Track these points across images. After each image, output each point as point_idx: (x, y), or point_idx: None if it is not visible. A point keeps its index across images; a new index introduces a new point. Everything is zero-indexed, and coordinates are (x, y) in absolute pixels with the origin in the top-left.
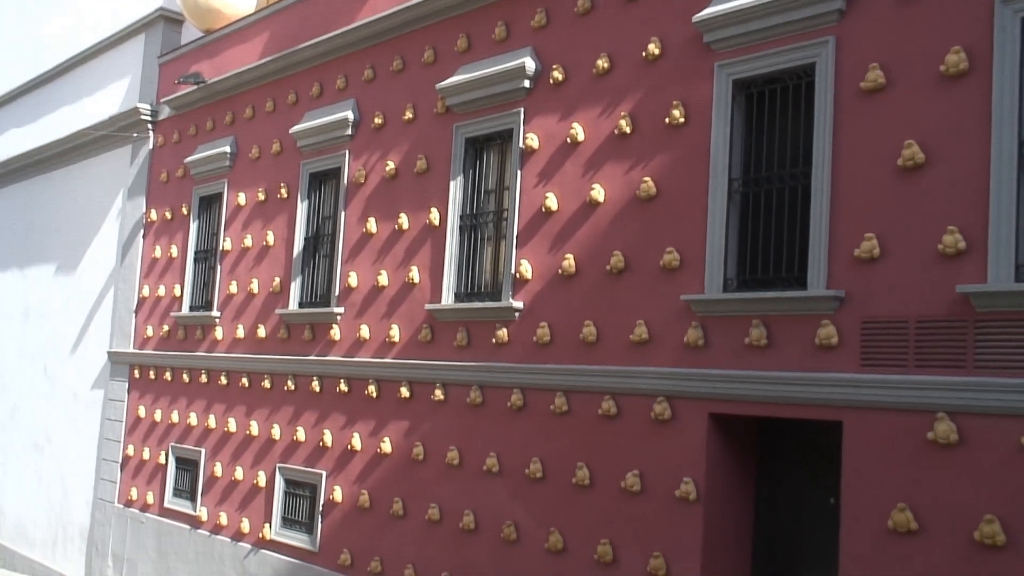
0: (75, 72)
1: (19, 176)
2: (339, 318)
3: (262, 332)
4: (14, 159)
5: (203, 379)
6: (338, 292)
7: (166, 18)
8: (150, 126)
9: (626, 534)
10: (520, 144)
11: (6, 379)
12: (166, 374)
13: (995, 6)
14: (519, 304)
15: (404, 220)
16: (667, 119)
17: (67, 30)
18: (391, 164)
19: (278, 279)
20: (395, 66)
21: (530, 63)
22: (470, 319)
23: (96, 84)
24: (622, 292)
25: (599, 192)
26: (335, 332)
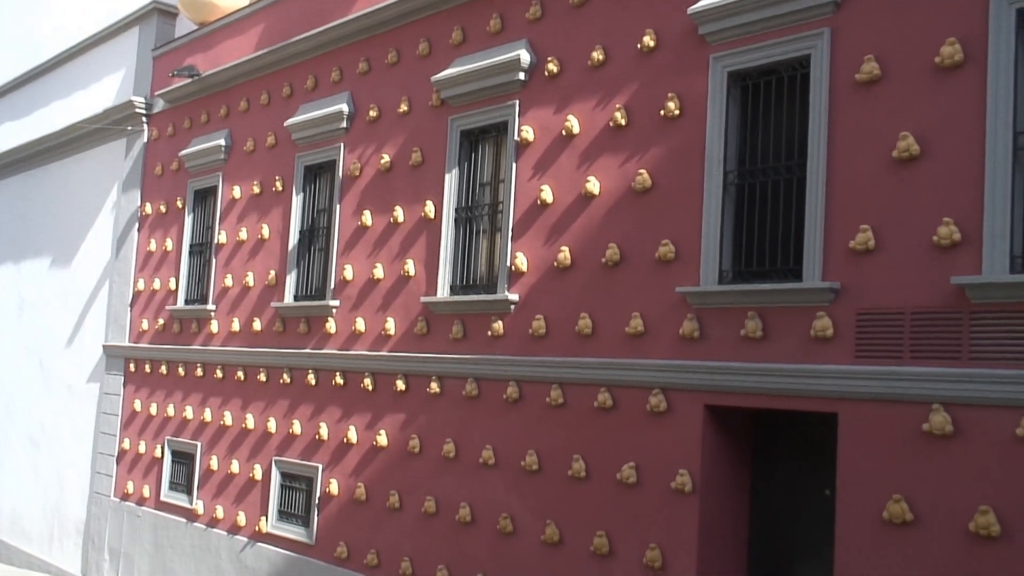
0: (69, 65)
1: (13, 170)
2: (335, 311)
3: (257, 325)
4: (8, 152)
5: (199, 372)
6: (333, 285)
7: (160, 11)
8: (144, 119)
9: (622, 526)
10: (515, 136)
11: (1, 373)
12: (162, 367)
13: None
14: (515, 297)
15: (399, 213)
16: (662, 111)
17: (61, 23)
18: (386, 157)
19: (273, 272)
20: (390, 59)
21: (525, 55)
22: (466, 312)
23: (90, 77)
24: (618, 284)
25: (594, 184)
26: (331, 325)
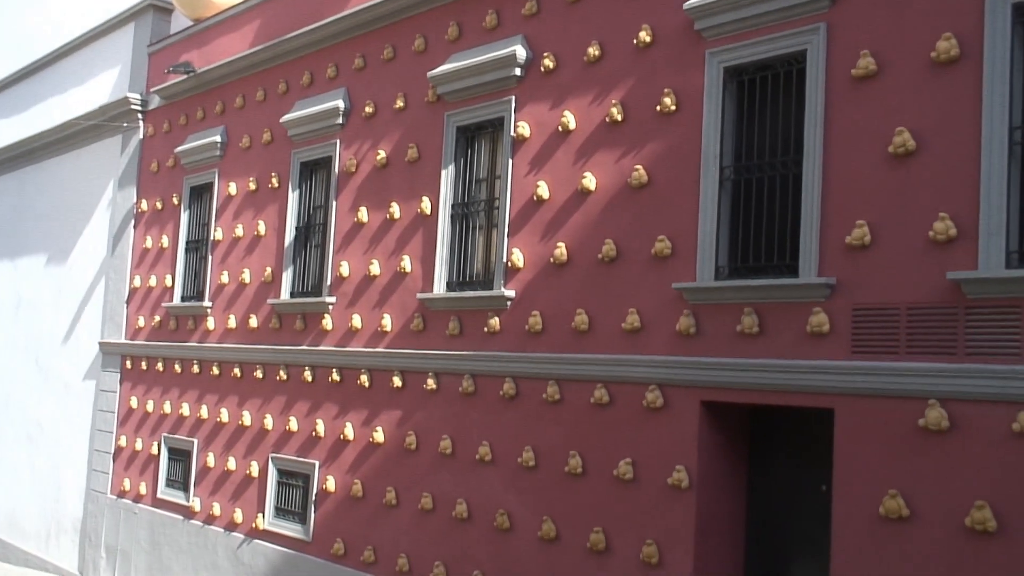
0: (65, 62)
1: (9, 166)
2: (331, 308)
3: (254, 322)
4: (4, 149)
5: (195, 369)
6: (330, 282)
7: (155, 7)
8: (140, 116)
9: (619, 522)
10: (511, 132)
11: None
12: (158, 364)
13: None
14: (511, 293)
15: (395, 209)
16: (658, 107)
17: (56, 20)
18: (382, 153)
19: (269, 269)
20: (386, 55)
21: (521, 51)
22: (462, 308)
23: (86, 74)
24: (614, 280)
25: (590, 180)
26: (327, 322)
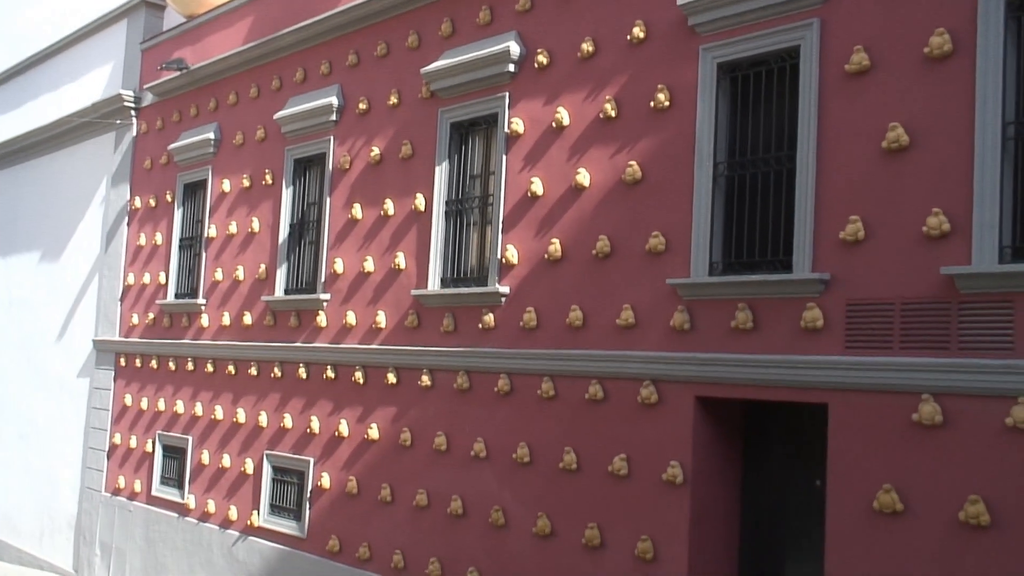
0: (57, 59)
1: (2, 164)
2: (325, 304)
3: (248, 319)
4: None
5: (189, 367)
6: (324, 278)
7: (148, 4)
8: (133, 113)
9: (613, 518)
10: (505, 129)
11: None
12: (152, 362)
13: None
14: (505, 289)
15: (389, 206)
16: (652, 103)
17: (49, 17)
18: (376, 150)
19: (264, 266)
20: (379, 51)
21: (515, 47)
22: (456, 304)
23: (78, 71)
24: (608, 276)
25: (584, 176)
26: (321, 319)
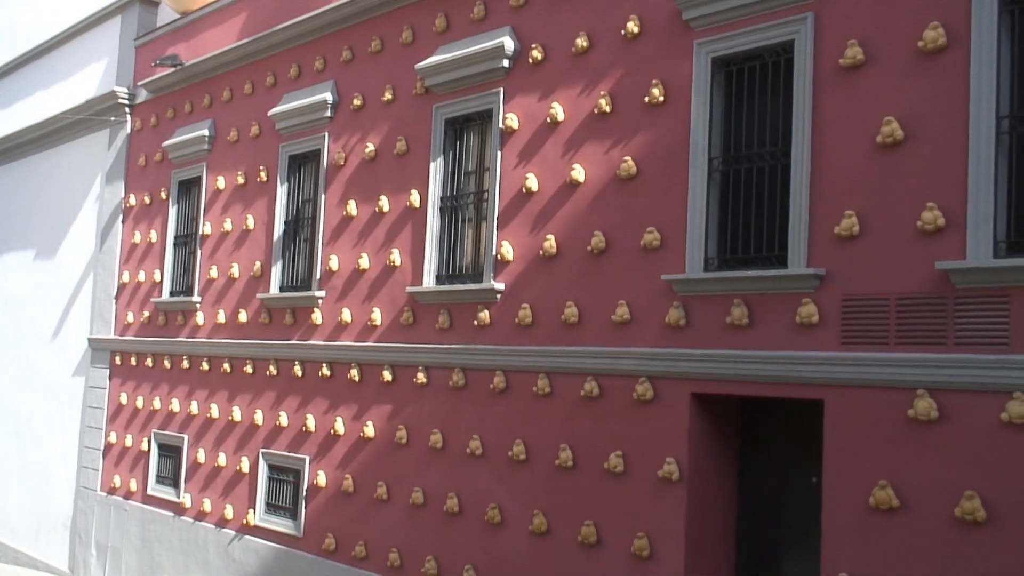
0: (51, 55)
1: None
2: (320, 302)
3: (243, 317)
4: None
5: (184, 365)
6: (319, 276)
7: (142, 0)
8: (127, 109)
9: (610, 515)
10: (500, 124)
11: None
12: (147, 360)
13: None
14: (500, 286)
15: (384, 202)
16: (647, 98)
17: (42, 13)
18: (371, 146)
19: (259, 263)
20: (373, 47)
21: (509, 42)
22: (452, 301)
23: (72, 67)
24: (603, 273)
25: (579, 172)
26: (317, 316)
